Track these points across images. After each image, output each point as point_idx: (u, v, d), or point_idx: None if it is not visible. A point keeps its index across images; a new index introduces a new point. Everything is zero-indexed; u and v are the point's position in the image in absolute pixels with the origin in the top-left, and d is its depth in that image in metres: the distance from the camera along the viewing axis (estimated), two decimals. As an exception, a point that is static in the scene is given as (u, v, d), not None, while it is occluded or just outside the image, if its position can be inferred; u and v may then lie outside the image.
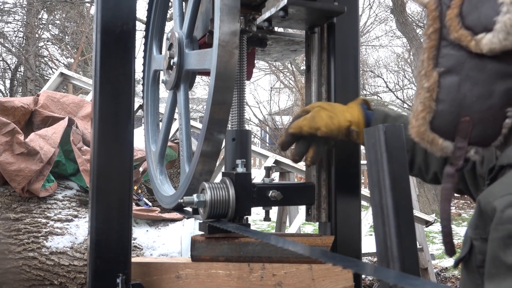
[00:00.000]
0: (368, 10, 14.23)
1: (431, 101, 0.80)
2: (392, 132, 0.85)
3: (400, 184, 0.84)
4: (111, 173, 1.27)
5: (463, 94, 0.78)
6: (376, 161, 0.84)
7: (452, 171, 0.83)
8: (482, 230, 0.73)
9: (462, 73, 0.78)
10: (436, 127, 0.81)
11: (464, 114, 0.78)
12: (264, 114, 14.90)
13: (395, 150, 0.84)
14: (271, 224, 6.46)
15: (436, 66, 0.80)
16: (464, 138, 0.79)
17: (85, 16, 12.98)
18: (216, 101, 1.17)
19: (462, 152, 0.80)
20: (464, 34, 0.77)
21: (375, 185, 0.85)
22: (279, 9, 1.23)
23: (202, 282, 1.26)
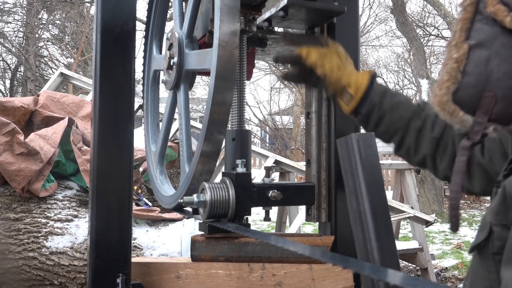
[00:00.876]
0: (368, 10, 14.25)
1: (457, 72, 0.80)
2: (364, 140, 0.87)
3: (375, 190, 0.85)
4: (111, 173, 1.27)
5: (490, 69, 0.77)
6: (351, 169, 0.86)
7: (467, 145, 0.82)
8: (504, 216, 0.72)
9: (493, 49, 0.77)
10: (458, 99, 0.81)
11: (489, 89, 0.78)
12: (264, 114, 14.91)
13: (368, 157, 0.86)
14: (271, 224, 6.46)
15: (468, 39, 0.80)
16: (485, 113, 0.79)
17: (85, 16, 12.99)
18: (216, 101, 1.17)
19: (481, 128, 0.79)
20: (500, 9, 0.76)
21: (351, 192, 0.87)
22: (279, 9, 1.23)
23: (202, 282, 1.26)
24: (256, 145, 9.83)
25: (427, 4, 11.42)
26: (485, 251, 0.78)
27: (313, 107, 1.42)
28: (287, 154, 12.65)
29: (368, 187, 0.85)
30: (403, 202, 5.31)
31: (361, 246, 0.85)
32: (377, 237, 0.83)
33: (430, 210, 8.23)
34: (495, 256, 0.75)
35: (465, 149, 0.83)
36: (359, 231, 0.86)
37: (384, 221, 0.86)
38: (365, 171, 0.86)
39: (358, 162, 0.86)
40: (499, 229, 0.74)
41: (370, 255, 0.81)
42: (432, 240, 6.85)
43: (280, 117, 15.13)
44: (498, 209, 0.75)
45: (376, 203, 0.85)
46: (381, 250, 0.82)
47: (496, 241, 0.74)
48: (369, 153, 0.87)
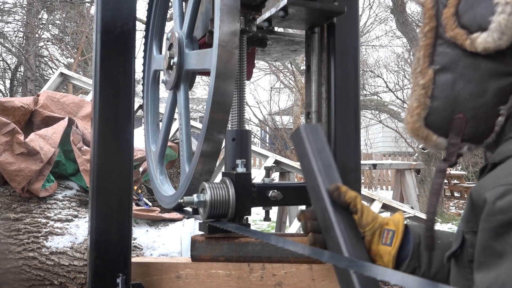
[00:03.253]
0: (368, 10, 14.23)
1: (426, 98, 0.82)
2: (311, 128, 0.99)
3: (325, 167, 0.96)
4: (111, 173, 1.27)
5: (457, 91, 0.79)
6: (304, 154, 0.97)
7: (444, 167, 0.84)
8: (474, 223, 0.73)
9: (457, 71, 0.79)
10: (430, 124, 0.83)
11: (458, 111, 0.80)
12: (264, 114, 14.90)
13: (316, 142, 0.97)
14: (271, 224, 6.46)
15: (432, 64, 0.82)
16: (457, 134, 0.81)
17: (85, 16, 12.98)
18: (216, 101, 1.17)
19: (455, 149, 0.81)
20: (459, 33, 0.78)
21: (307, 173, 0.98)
22: (279, 9, 1.23)
23: (202, 282, 1.26)
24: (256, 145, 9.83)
25: (427, 4, 11.38)
26: (461, 260, 0.79)
27: (313, 107, 1.42)
28: (287, 154, 12.65)
29: (318, 166, 0.94)
30: (403, 202, 5.31)
31: (320, 216, 0.95)
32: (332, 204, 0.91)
33: (430, 210, 8.21)
34: (470, 264, 0.75)
35: (441, 171, 0.84)
36: (318, 205, 0.95)
37: None
38: (314, 153, 0.95)
39: (308, 146, 0.96)
40: (471, 236, 0.75)
41: (328, 221, 0.91)
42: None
43: (280, 117, 15.12)
44: (468, 216, 0.76)
45: (327, 178, 0.94)
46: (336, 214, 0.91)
47: (469, 249, 0.75)
48: (316, 138, 0.98)
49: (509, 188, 0.66)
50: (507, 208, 0.65)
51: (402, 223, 0.99)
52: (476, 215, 0.72)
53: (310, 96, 1.43)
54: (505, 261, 0.64)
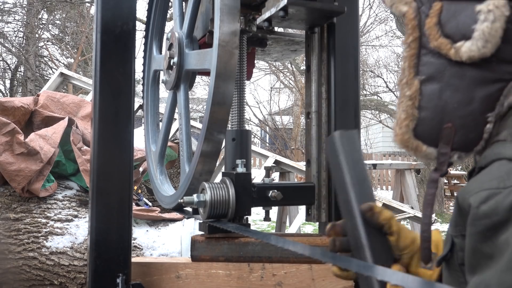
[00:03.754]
0: (368, 10, 14.23)
1: (413, 109, 0.82)
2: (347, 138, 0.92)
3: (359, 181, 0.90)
4: (111, 173, 1.27)
5: (444, 101, 0.79)
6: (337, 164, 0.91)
7: (436, 177, 0.84)
8: (462, 227, 0.73)
9: (443, 81, 0.79)
10: (419, 134, 0.83)
11: (446, 120, 0.80)
12: (264, 114, 14.90)
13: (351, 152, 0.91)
14: (271, 224, 6.46)
15: (417, 74, 0.81)
16: (447, 144, 0.80)
17: (85, 16, 12.98)
18: (216, 101, 1.17)
19: (446, 158, 0.81)
20: (443, 43, 0.78)
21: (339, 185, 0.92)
22: (279, 9, 1.23)
23: (202, 282, 1.27)
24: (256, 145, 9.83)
25: (427, 4, 11.40)
26: (451, 263, 0.79)
27: (313, 107, 1.42)
28: (287, 154, 12.65)
29: (352, 179, 0.89)
30: (403, 202, 5.31)
31: (351, 233, 0.89)
32: (364, 223, 0.86)
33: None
34: (461, 267, 0.75)
35: (434, 181, 0.84)
36: (348, 221, 0.89)
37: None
38: (349, 165, 0.90)
39: (342, 157, 0.91)
40: (460, 240, 0.74)
41: (358, 241, 0.86)
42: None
43: (280, 117, 15.13)
44: (456, 220, 0.76)
45: (361, 193, 0.89)
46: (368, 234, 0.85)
47: (459, 252, 0.75)
48: (352, 148, 0.92)
49: (492, 192, 0.66)
50: (491, 212, 0.65)
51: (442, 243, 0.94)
52: (463, 219, 0.72)
53: (310, 96, 1.43)
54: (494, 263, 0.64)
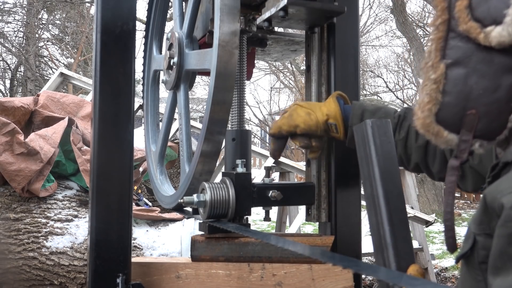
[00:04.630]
0: (368, 10, 14.24)
1: (437, 93, 0.80)
2: (379, 127, 0.88)
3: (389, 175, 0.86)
4: (111, 173, 1.27)
5: (469, 86, 0.77)
6: (366, 155, 0.87)
7: (456, 164, 0.82)
8: (487, 225, 0.72)
9: (470, 66, 0.77)
10: (441, 119, 0.80)
11: (470, 107, 0.77)
12: (264, 114, 14.91)
13: (383, 144, 0.87)
14: (271, 224, 6.46)
15: (444, 58, 0.79)
16: (469, 131, 0.78)
17: (85, 16, 12.98)
18: (216, 101, 1.17)
19: (467, 145, 0.79)
20: (473, 26, 0.76)
21: (366, 178, 0.89)
22: (279, 9, 1.23)
23: (202, 282, 1.26)
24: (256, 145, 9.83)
25: (427, 4, 11.42)
26: (471, 261, 0.77)
27: (313, 107, 1.42)
28: (287, 154, 12.65)
29: (381, 172, 0.85)
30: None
31: (375, 231, 0.86)
32: (390, 221, 0.83)
33: (430, 210, 8.23)
34: (481, 265, 0.75)
35: (454, 169, 0.82)
36: (373, 216, 0.86)
37: (397, 206, 0.86)
38: (379, 157, 0.86)
39: (372, 148, 0.87)
40: (483, 239, 0.74)
41: (382, 239, 0.83)
42: (432, 240, 6.84)
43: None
44: (480, 218, 0.74)
45: (389, 189, 0.85)
46: (394, 234, 0.82)
47: (481, 251, 0.74)
48: (383, 139, 0.88)
49: None
50: None
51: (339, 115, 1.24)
52: (489, 217, 0.71)
53: (310, 96, 1.43)
54: None
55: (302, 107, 1.29)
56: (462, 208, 9.71)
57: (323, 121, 1.26)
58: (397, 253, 0.82)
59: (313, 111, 1.27)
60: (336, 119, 1.26)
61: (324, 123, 1.27)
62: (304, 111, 1.28)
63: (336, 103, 1.28)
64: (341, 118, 1.27)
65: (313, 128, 1.26)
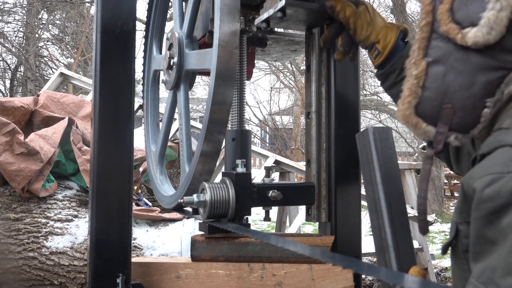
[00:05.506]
0: (368, 10, 14.22)
1: (417, 88, 0.87)
2: (380, 133, 0.92)
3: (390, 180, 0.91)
4: (111, 173, 1.27)
5: (447, 83, 0.84)
6: (368, 160, 0.91)
7: (431, 154, 0.88)
8: (467, 213, 0.75)
9: (448, 64, 0.84)
10: (420, 112, 0.87)
11: (447, 101, 0.84)
12: (264, 114, 14.91)
13: (384, 149, 0.91)
14: (271, 224, 6.46)
15: (425, 56, 0.86)
16: (445, 124, 0.85)
17: (85, 16, 12.98)
18: (216, 101, 1.17)
19: (443, 137, 0.86)
20: (452, 28, 0.82)
21: (368, 182, 0.92)
22: (277, 10, 1.23)
23: (202, 282, 1.27)
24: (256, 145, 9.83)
25: (427, 4, 11.40)
26: (456, 251, 0.81)
27: (313, 107, 1.42)
28: (287, 154, 12.65)
29: (383, 177, 0.89)
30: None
31: (376, 233, 0.89)
32: (391, 224, 0.86)
33: (430, 210, 8.23)
34: (465, 254, 0.78)
35: (429, 157, 0.89)
36: (375, 219, 0.90)
37: (398, 209, 0.90)
38: (380, 162, 0.90)
39: (374, 153, 0.91)
40: (464, 227, 0.77)
41: (384, 242, 0.86)
42: (432, 240, 6.85)
43: (280, 117, 15.13)
44: (461, 207, 0.78)
45: (390, 192, 0.89)
46: (395, 236, 0.86)
47: (464, 239, 0.78)
48: (384, 145, 0.92)
49: (496, 176, 0.69)
50: (495, 195, 0.67)
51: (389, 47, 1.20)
52: (468, 205, 0.74)
53: (310, 96, 1.43)
54: (497, 247, 0.66)
55: (368, 14, 1.24)
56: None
57: (372, 42, 1.23)
58: (399, 255, 0.85)
59: (373, 26, 1.24)
60: (384, 49, 1.22)
61: (371, 44, 1.24)
62: (367, 20, 1.24)
63: (396, 35, 1.24)
64: (389, 50, 1.23)
65: (361, 38, 1.23)
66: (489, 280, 0.64)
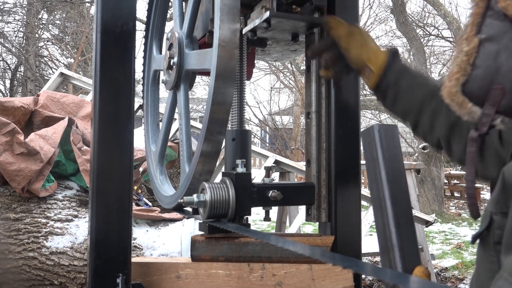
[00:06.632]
0: (368, 10, 14.24)
1: (467, 65, 0.82)
2: (386, 131, 0.89)
3: (395, 178, 0.88)
4: (111, 173, 1.27)
5: (499, 62, 0.79)
6: (373, 158, 0.89)
7: (475, 136, 0.85)
8: (503, 204, 0.73)
9: (502, 43, 0.79)
10: (467, 91, 0.83)
11: (497, 82, 0.80)
12: (264, 114, 14.91)
13: (389, 147, 0.88)
14: (271, 224, 6.46)
15: (479, 33, 0.81)
16: (493, 105, 0.80)
17: (85, 16, 12.98)
18: (216, 101, 1.17)
19: (489, 119, 0.81)
20: (510, 4, 0.78)
21: (373, 180, 0.90)
22: (262, 20, 1.28)
23: (202, 282, 1.26)
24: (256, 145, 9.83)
25: (427, 4, 11.42)
26: (486, 241, 0.78)
27: (313, 107, 1.42)
28: (287, 154, 12.65)
29: (388, 175, 0.88)
30: (403, 202, 5.28)
31: (381, 232, 0.88)
32: (396, 223, 0.85)
33: (430, 210, 8.23)
34: (496, 246, 0.75)
35: (473, 140, 0.85)
36: (379, 218, 0.89)
37: (403, 208, 0.88)
38: (385, 160, 0.89)
39: (379, 151, 0.90)
40: (499, 218, 0.74)
41: (388, 241, 0.85)
42: (432, 240, 6.84)
43: (280, 117, 15.13)
44: (498, 197, 0.76)
45: (396, 191, 0.88)
46: (399, 235, 0.85)
47: (497, 230, 0.75)
48: (390, 143, 0.91)
49: None
50: None
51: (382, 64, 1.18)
52: (506, 195, 0.72)
53: (310, 96, 1.43)
54: None
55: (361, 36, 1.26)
56: (462, 208, 9.72)
57: (364, 60, 1.23)
58: (403, 254, 0.84)
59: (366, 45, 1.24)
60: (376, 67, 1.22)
61: (363, 62, 1.23)
62: (360, 40, 1.25)
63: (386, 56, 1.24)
64: (381, 70, 1.22)
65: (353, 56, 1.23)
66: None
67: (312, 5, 1.34)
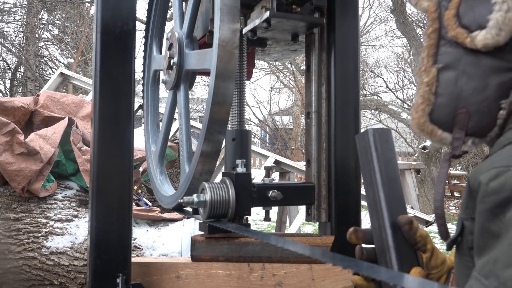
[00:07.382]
0: (368, 10, 14.25)
1: (430, 95, 0.85)
2: (380, 135, 0.92)
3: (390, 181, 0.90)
4: (111, 173, 1.27)
5: (460, 87, 0.83)
6: (368, 162, 0.92)
7: (449, 158, 0.87)
8: (472, 209, 0.75)
9: (459, 68, 0.83)
10: (435, 119, 0.86)
11: (461, 106, 0.83)
12: (264, 114, 14.91)
13: (384, 151, 0.92)
14: (271, 224, 6.46)
15: (435, 63, 0.85)
16: (461, 129, 0.84)
17: (85, 16, 12.98)
18: (216, 101, 1.17)
19: (460, 142, 0.84)
20: (460, 32, 0.82)
21: (368, 183, 0.93)
22: (262, 20, 1.29)
23: (202, 282, 1.27)
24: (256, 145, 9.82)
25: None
26: (461, 247, 0.80)
27: (313, 107, 1.42)
28: (287, 154, 12.65)
29: (383, 178, 0.89)
30: (403, 202, 5.29)
31: (377, 235, 0.90)
32: (391, 225, 0.87)
33: (430, 210, 8.23)
34: (470, 251, 0.77)
35: (446, 161, 0.88)
36: (375, 220, 0.90)
37: (398, 210, 0.90)
38: (380, 163, 0.90)
39: (374, 155, 0.91)
40: (470, 223, 0.76)
41: (385, 243, 0.86)
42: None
43: (280, 117, 15.13)
44: (466, 203, 0.77)
45: (391, 193, 0.89)
46: (395, 237, 0.86)
47: (469, 236, 0.77)
48: (385, 147, 0.92)
49: (502, 169, 0.68)
50: (500, 188, 0.67)
51: None
52: (473, 200, 0.74)
53: (310, 96, 1.43)
54: (500, 240, 0.65)
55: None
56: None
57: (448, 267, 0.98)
58: (399, 256, 0.85)
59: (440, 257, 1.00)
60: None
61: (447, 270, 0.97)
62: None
63: None
64: None
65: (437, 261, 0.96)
66: (490, 272, 0.64)
67: (312, 5, 1.34)
